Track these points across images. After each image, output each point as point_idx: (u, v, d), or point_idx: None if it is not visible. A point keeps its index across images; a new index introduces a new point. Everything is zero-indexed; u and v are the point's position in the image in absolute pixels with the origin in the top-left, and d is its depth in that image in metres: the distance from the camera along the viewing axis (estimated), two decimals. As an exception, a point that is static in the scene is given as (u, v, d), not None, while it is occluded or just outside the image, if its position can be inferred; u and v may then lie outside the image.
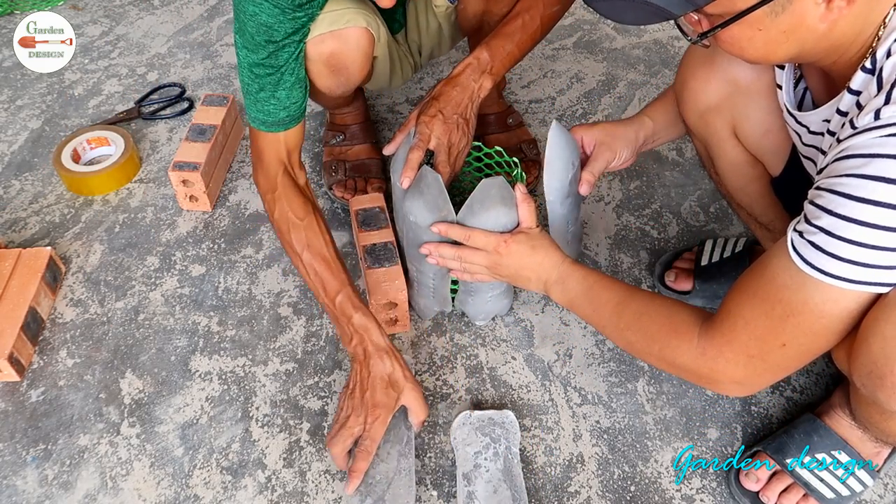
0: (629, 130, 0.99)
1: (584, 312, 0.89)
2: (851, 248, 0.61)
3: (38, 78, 1.61)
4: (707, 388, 0.78)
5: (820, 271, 0.64)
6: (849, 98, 0.68)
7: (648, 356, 0.82)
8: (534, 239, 0.91)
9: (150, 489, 0.94)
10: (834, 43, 0.66)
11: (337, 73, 1.03)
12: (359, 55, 1.03)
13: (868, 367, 0.67)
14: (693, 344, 0.76)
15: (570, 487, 0.94)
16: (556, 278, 0.89)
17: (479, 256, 0.92)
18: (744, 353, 0.72)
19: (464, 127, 1.00)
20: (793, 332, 0.69)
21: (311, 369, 1.06)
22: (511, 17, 1.04)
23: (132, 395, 1.04)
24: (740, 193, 1.01)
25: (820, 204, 0.63)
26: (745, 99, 0.90)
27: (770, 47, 0.66)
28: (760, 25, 0.63)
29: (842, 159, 0.63)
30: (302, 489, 0.93)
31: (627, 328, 0.83)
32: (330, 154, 1.35)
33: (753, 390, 0.77)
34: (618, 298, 0.84)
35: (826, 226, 0.62)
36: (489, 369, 1.06)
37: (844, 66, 0.68)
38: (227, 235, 1.26)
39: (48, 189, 1.35)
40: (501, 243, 0.90)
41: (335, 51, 0.99)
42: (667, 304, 0.82)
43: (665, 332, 0.79)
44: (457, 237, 0.92)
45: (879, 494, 0.93)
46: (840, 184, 0.62)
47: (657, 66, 1.64)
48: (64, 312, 1.14)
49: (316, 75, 1.03)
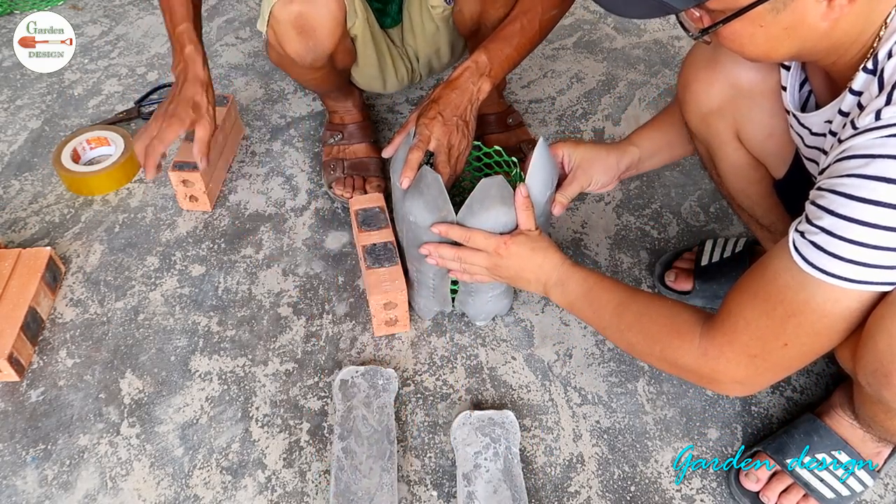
0: (611, 157, 0.99)
1: (585, 314, 0.89)
2: (853, 247, 0.61)
3: (37, 78, 1.61)
4: (708, 388, 0.78)
5: (821, 271, 0.64)
6: (850, 99, 0.68)
7: (650, 357, 0.82)
8: (534, 241, 0.91)
9: (150, 489, 0.94)
10: (835, 42, 0.66)
11: (305, 36, 1.03)
12: (328, 19, 1.03)
13: (873, 364, 0.67)
14: (694, 344, 0.76)
15: (570, 487, 0.94)
16: (555, 280, 0.89)
17: (478, 258, 0.92)
18: (745, 353, 0.72)
19: (463, 129, 1.00)
20: (794, 332, 0.69)
21: (311, 369, 1.06)
22: (509, 21, 1.04)
23: (132, 395, 1.04)
24: (742, 196, 1.01)
25: (821, 204, 0.63)
26: (749, 101, 0.89)
27: (771, 44, 0.66)
28: (762, 22, 0.63)
29: (843, 160, 0.63)
30: (302, 489, 0.93)
31: (628, 329, 0.83)
32: (329, 153, 1.35)
33: (755, 390, 0.77)
34: (618, 300, 0.84)
35: (827, 226, 0.62)
36: (489, 369, 1.06)
37: (845, 67, 0.68)
38: (227, 235, 1.26)
39: (48, 189, 1.35)
40: (501, 245, 0.90)
41: (303, 11, 1.00)
42: (668, 304, 0.82)
43: (666, 332, 0.79)
44: (457, 238, 0.92)
45: (879, 494, 0.93)
46: (841, 184, 0.62)
47: (657, 66, 1.64)
48: (64, 312, 1.14)
49: (284, 39, 1.04)
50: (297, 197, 1.33)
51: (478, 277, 0.96)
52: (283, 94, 1.56)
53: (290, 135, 1.46)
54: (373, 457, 0.92)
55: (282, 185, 1.36)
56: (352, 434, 0.95)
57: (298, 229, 1.27)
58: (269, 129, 1.48)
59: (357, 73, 1.23)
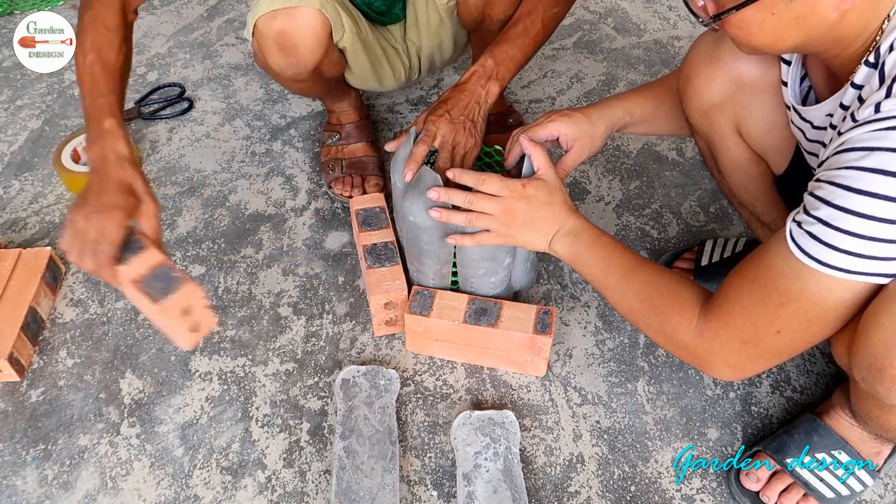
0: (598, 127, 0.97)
1: (590, 270, 0.88)
2: (849, 238, 0.62)
3: (38, 78, 1.61)
4: (700, 369, 0.79)
5: (816, 261, 0.64)
6: (852, 92, 0.68)
7: (647, 328, 0.83)
8: (551, 187, 0.90)
9: (150, 489, 0.94)
10: (840, 34, 0.66)
11: (286, 53, 1.03)
12: (309, 37, 1.02)
13: (868, 360, 0.68)
14: (693, 323, 0.77)
15: (570, 487, 0.94)
16: (568, 230, 0.89)
17: (490, 203, 0.89)
18: (738, 337, 0.73)
19: (471, 128, 1.00)
20: (788, 320, 0.69)
21: (311, 369, 1.06)
22: (512, 23, 1.05)
23: (132, 395, 1.04)
24: (743, 192, 1.01)
25: (819, 195, 0.64)
26: (749, 96, 0.90)
27: (779, 33, 0.66)
28: (774, 9, 0.64)
29: (842, 152, 0.64)
30: (302, 489, 0.93)
31: (634, 295, 0.83)
32: (327, 153, 1.35)
33: (745, 375, 0.78)
34: (629, 264, 0.85)
35: (824, 217, 0.63)
36: (489, 369, 1.06)
37: (847, 60, 0.69)
38: (227, 235, 1.26)
39: (48, 189, 1.35)
40: (519, 187, 0.89)
41: (284, 29, 1.00)
42: (675, 279, 0.82)
43: (668, 306, 0.79)
44: (470, 183, 0.91)
45: (879, 494, 0.93)
46: (839, 175, 0.62)
47: (657, 66, 1.64)
48: (64, 312, 1.14)
49: (267, 52, 1.03)
50: (297, 197, 1.33)
51: (483, 238, 0.93)
52: (283, 94, 1.57)
53: (290, 135, 1.47)
54: (375, 457, 0.92)
55: (282, 185, 1.36)
56: (353, 434, 0.95)
57: (298, 229, 1.27)
58: (269, 129, 1.48)
59: (351, 77, 1.23)
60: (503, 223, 0.90)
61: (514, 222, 0.90)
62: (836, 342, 0.74)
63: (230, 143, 1.45)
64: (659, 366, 1.06)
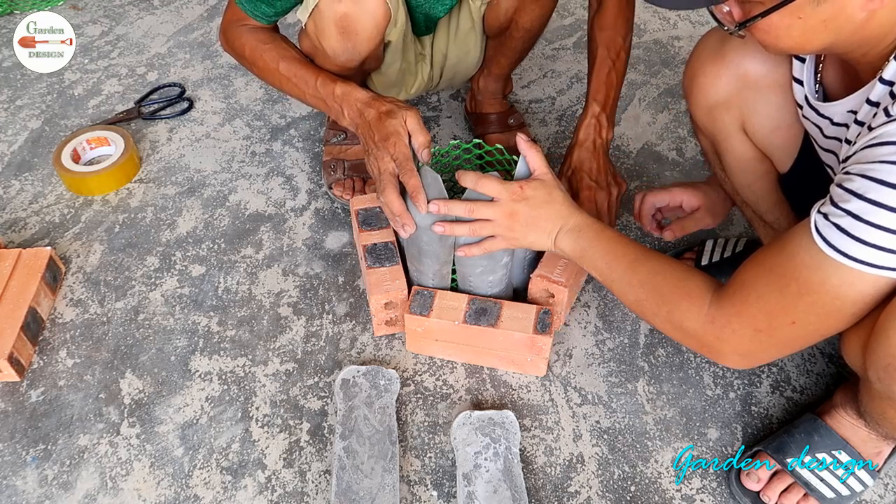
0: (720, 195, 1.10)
1: (596, 264, 0.88)
2: (879, 233, 0.61)
3: (37, 78, 1.61)
4: (709, 356, 0.78)
5: (842, 254, 0.64)
6: (881, 88, 0.68)
7: (655, 317, 0.82)
8: (549, 186, 0.90)
9: (150, 489, 0.94)
10: (868, 34, 0.66)
11: (345, 37, 1.02)
12: (371, 24, 1.01)
13: (886, 359, 0.67)
14: (703, 311, 0.76)
15: (570, 487, 0.93)
16: (571, 226, 0.89)
17: (491, 208, 0.90)
18: (752, 326, 0.72)
19: (611, 177, 1.13)
20: (804, 311, 0.69)
21: (311, 369, 1.06)
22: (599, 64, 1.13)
23: (132, 396, 1.04)
24: (747, 190, 1.01)
25: (849, 188, 0.63)
26: (755, 94, 0.89)
27: (807, 37, 0.66)
28: (801, 14, 0.63)
29: (875, 146, 0.63)
30: (302, 489, 0.93)
31: (640, 286, 0.82)
32: (329, 153, 1.35)
33: (754, 364, 0.78)
34: (634, 255, 0.85)
35: (854, 209, 0.62)
36: (489, 369, 1.06)
37: (875, 58, 0.68)
38: (227, 235, 1.26)
39: (48, 189, 1.35)
40: (517, 189, 0.89)
41: (349, 12, 0.99)
42: (682, 268, 0.82)
43: (677, 294, 0.79)
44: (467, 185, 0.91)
45: (879, 494, 0.92)
46: (872, 169, 0.62)
47: (657, 66, 1.64)
48: (64, 312, 1.14)
49: (324, 34, 1.02)
50: (297, 197, 1.33)
51: (490, 245, 0.93)
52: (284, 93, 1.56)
53: (290, 135, 1.47)
54: (375, 457, 0.92)
55: (282, 185, 1.36)
56: (353, 434, 0.95)
57: (298, 229, 1.27)
58: (269, 129, 1.48)
59: (378, 77, 1.22)
60: (506, 227, 0.91)
61: (516, 224, 0.90)
62: (848, 341, 0.73)
63: (230, 143, 1.45)
64: (659, 366, 1.06)
